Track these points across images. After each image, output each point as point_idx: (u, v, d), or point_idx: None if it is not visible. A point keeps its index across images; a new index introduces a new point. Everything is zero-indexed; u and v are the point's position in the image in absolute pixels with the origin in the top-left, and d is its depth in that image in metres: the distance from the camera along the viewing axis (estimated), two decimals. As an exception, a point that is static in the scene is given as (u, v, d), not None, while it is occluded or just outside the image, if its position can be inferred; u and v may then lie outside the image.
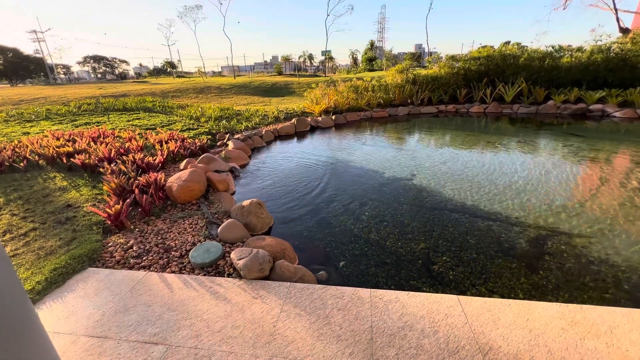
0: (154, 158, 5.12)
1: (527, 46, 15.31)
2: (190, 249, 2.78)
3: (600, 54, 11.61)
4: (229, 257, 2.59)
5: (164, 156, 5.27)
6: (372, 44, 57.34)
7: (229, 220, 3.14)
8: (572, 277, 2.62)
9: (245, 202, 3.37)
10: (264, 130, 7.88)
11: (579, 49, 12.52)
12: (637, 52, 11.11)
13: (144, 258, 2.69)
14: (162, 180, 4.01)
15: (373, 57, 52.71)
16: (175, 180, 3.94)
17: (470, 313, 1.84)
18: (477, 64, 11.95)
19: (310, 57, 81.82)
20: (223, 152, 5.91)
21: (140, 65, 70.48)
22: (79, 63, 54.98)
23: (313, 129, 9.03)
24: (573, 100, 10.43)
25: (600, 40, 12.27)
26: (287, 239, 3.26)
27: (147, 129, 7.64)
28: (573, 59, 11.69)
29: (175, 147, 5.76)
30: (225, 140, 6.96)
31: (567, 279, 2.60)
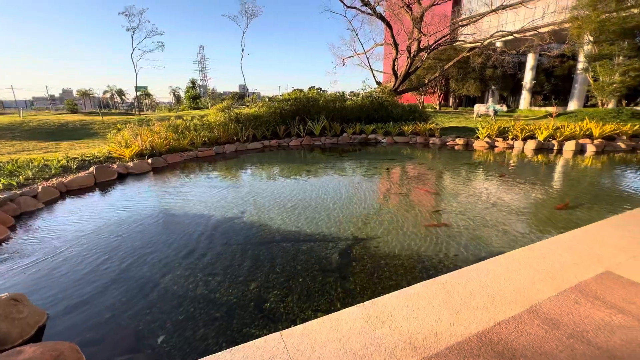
0: None
1: (326, 90, 19.30)
2: None
3: (369, 99, 16.12)
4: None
5: None
6: (193, 82, 56.18)
7: (-51, 342, 1.97)
8: (371, 275, 3.24)
9: (-12, 303, 2.24)
10: (40, 187, 5.82)
11: (356, 95, 16.93)
12: (387, 99, 16.19)
13: None
14: None
15: (196, 95, 51.53)
16: None
17: (292, 345, 1.86)
18: (289, 104, 13.87)
19: (120, 92, 70.65)
20: (-47, 230, 3.87)
21: None
22: None
23: (122, 177, 7.53)
24: (358, 132, 13.84)
25: (365, 89, 17.11)
26: (74, 333, 2.40)
27: None
28: (353, 102, 15.61)
29: None
30: (-39, 210, 4.62)
31: (368, 279, 3.17)
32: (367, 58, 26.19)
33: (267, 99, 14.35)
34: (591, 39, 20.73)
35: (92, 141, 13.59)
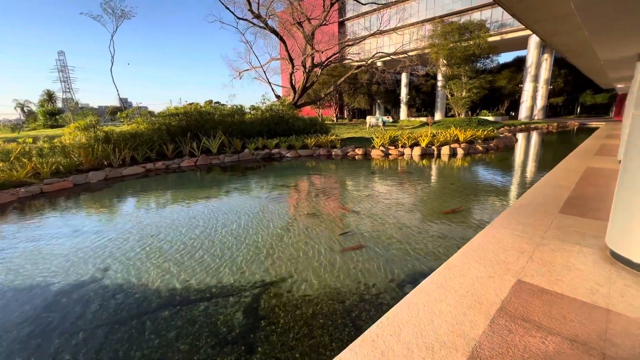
0: None
1: (225, 104, 17.89)
2: None
3: (269, 112, 15.59)
4: None
5: None
6: (50, 94, 45.21)
7: None
8: (285, 336, 2.51)
9: None
10: None
11: (255, 108, 16.17)
12: (287, 112, 16.00)
13: None
14: None
15: (55, 111, 41.48)
16: None
17: None
18: (177, 119, 12.07)
19: None
20: None
21: None
22: None
23: None
24: (261, 147, 13.09)
25: (264, 103, 16.56)
26: None
27: None
28: (253, 116, 14.81)
29: None
30: None
31: (282, 343, 2.44)
32: (265, 72, 25.90)
33: (148, 114, 12.14)
34: (445, 62, 25.61)
35: None
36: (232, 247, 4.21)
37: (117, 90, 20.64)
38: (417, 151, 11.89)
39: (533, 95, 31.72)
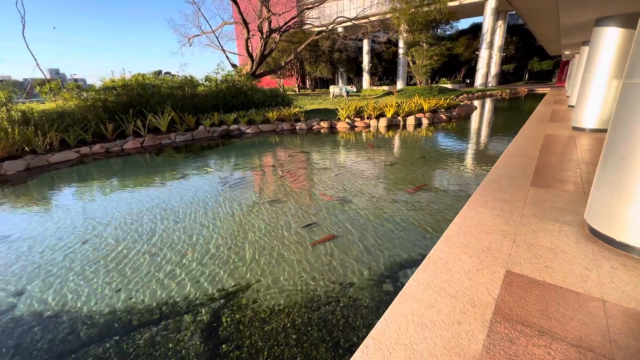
0: None
1: (175, 75, 15.92)
2: None
3: (225, 84, 14.18)
4: None
5: None
6: (-47, 64, 37.54)
7: None
8: (252, 364, 2.09)
9: None
10: None
11: (209, 79, 14.61)
12: (245, 83, 14.69)
13: None
14: None
15: (-36, 85, 34.78)
16: None
17: None
18: (114, 94, 10.43)
19: None
20: None
21: None
22: None
23: None
24: (218, 123, 11.93)
25: (218, 73, 14.99)
26: None
27: None
28: (206, 88, 13.37)
29: None
30: None
31: (247, 377, 2.01)
32: (217, 37, 23.54)
33: (77, 87, 10.31)
34: (407, 28, 25.01)
35: None
36: (179, 250, 3.61)
37: (35, 59, 16.91)
38: (383, 122, 11.60)
39: (488, 62, 32.69)
